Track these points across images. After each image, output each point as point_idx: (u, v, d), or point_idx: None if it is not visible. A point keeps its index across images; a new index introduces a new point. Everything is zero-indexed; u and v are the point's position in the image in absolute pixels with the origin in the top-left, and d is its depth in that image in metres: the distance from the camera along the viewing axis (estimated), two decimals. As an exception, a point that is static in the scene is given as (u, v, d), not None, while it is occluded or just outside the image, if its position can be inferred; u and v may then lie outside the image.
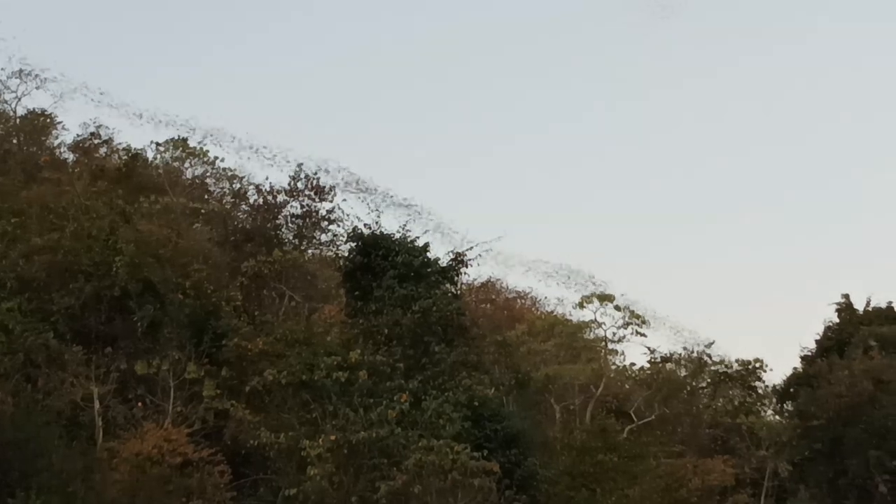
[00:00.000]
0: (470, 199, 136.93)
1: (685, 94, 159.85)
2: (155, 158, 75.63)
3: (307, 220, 70.40)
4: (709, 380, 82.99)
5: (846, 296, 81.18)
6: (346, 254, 64.72)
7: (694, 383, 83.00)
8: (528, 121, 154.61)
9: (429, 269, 62.51)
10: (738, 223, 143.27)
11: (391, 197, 74.21)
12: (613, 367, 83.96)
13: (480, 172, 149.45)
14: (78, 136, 76.33)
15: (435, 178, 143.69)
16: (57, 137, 77.99)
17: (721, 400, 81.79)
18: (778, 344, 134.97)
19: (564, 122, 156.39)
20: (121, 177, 69.13)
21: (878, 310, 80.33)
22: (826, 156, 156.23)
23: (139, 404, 55.34)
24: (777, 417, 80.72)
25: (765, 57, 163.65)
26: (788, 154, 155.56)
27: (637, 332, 79.80)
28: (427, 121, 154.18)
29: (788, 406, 79.25)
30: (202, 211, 71.15)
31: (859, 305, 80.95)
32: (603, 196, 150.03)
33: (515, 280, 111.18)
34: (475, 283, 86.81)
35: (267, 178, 71.01)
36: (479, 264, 67.72)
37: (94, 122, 76.02)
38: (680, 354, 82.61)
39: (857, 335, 76.83)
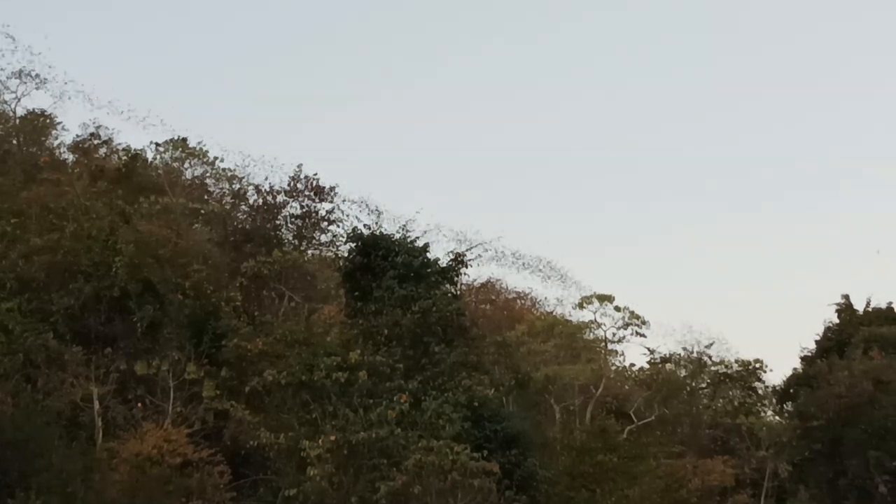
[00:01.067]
0: (468, 198, 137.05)
1: (683, 85, 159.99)
2: (155, 159, 75.66)
3: (307, 220, 70.34)
4: (708, 380, 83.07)
5: (846, 296, 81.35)
6: (346, 254, 64.66)
7: (694, 384, 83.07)
8: (521, 114, 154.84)
9: (428, 270, 62.45)
10: (738, 223, 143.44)
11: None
12: (613, 367, 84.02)
13: (477, 172, 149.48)
14: (77, 136, 76.35)
15: (432, 177, 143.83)
16: (57, 138, 77.96)
17: (721, 400, 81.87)
18: (778, 344, 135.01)
19: (559, 114, 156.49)
20: (120, 177, 69.11)
21: (877, 310, 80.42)
22: (827, 155, 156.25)
23: (139, 405, 55.32)
24: (777, 418, 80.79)
25: (771, 51, 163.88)
26: (789, 154, 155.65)
27: (637, 333, 79.88)
28: (421, 119, 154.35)
29: (788, 406, 79.30)
30: (202, 211, 71.10)
31: (859, 306, 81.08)
32: (600, 196, 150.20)
33: (515, 280, 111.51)
34: (475, 283, 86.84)
35: (266, 179, 71.09)
36: (478, 264, 67.58)
37: (94, 123, 76.05)
38: (680, 355, 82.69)
39: (856, 336, 76.86)
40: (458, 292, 67.29)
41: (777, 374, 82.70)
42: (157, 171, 73.46)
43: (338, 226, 70.22)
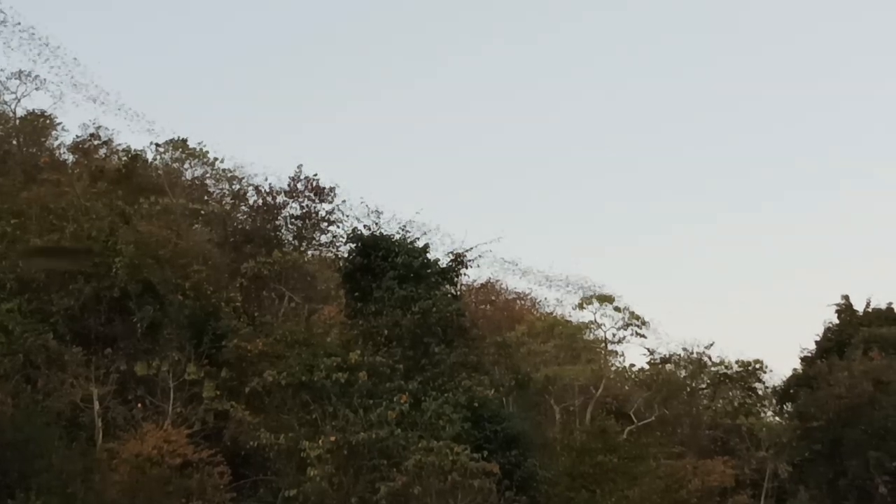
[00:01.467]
0: (468, 198, 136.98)
1: (683, 85, 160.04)
2: (155, 159, 75.67)
3: (307, 221, 70.28)
4: (708, 381, 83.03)
5: (846, 297, 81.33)
6: (346, 255, 64.62)
7: (694, 384, 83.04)
8: (521, 114, 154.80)
9: (428, 270, 62.40)
10: (738, 223, 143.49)
11: None
12: (613, 368, 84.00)
13: (477, 172, 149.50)
14: (77, 137, 76.40)
15: (432, 177, 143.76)
16: (56, 138, 78.01)
17: (721, 401, 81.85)
18: (778, 344, 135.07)
19: (559, 114, 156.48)
20: (120, 178, 69.08)
21: (877, 311, 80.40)
22: (827, 155, 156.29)
23: (139, 405, 55.32)
24: (777, 418, 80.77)
25: (771, 51, 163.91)
26: (789, 154, 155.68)
27: (637, 333, 79.85)
28: (419, 122, 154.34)
29: (788, 407, 79.27)
30: (202, 212, 71.06)
31: (859, 306, 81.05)
32: (600, 196, 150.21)
33: (515, 281, 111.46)
34: (475, 284, 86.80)
35: (266, 179, 71.08)
36: (478, 265, 67.44)
37: (94, 123, 76.10)
38: (679, 355, 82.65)
39: (856, 336, 76.84)
40: (458, 293, 67.23)
41: (777, 374, 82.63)
42: (157, 172, 73.45)
43: (338, 226, 70.20)
